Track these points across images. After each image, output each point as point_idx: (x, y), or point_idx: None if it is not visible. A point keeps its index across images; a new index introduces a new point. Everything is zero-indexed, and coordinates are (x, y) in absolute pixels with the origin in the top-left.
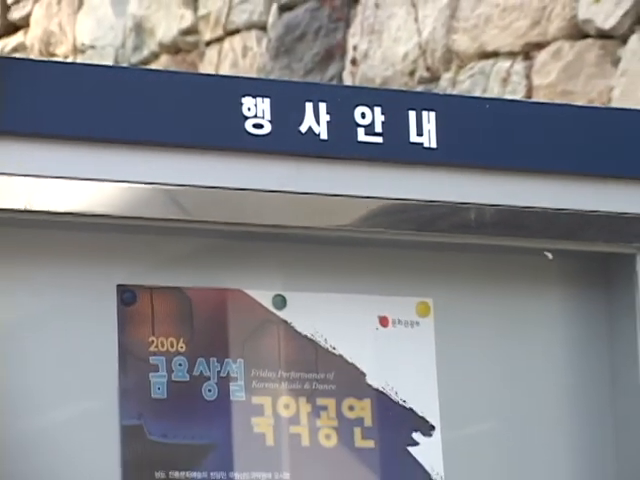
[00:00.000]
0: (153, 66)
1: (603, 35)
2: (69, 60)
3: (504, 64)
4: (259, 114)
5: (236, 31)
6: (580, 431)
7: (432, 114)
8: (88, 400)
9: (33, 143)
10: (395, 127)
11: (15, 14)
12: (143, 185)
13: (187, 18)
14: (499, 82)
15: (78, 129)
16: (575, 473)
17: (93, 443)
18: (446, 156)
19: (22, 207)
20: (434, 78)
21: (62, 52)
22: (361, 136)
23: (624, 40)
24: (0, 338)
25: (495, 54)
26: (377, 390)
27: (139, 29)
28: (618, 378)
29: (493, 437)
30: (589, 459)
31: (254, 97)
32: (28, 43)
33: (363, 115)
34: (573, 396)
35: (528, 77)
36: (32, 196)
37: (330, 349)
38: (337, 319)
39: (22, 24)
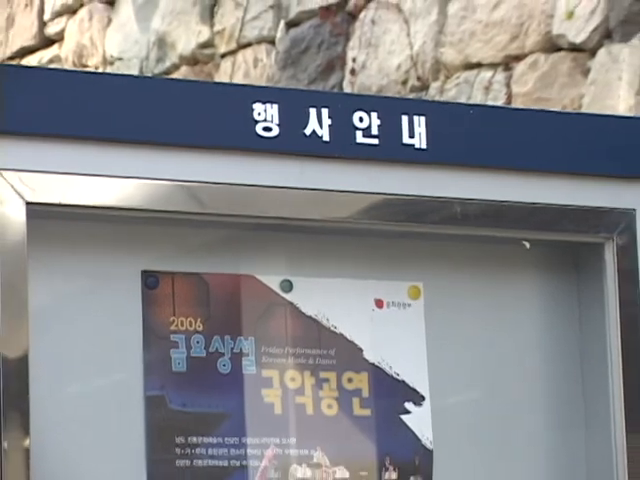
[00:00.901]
0: (174, 76)
1: (575, 48)
2: (99, 71)
3: (486, 74)
4: (268, 118)
5: (248, 45)
6: (552, 403)
7: (422, 119)
8: (116, 373)
9: (68, 145)
10: (389, 130)
11: (51, 29)
12: (164, 182)
13: (204, 33)
14: (482, 90)
15: (107, 132)
16: (548, 437)
17: (120, 412)
18: (435, 156)
19: (57, 201)
20: (424, 87)
21: (93, 63)
22: (359, 138)
23: (593, 53)
24: (39, 318)
25: (478, 65)
26: (373, 364)
27: (161, 43)
28: (586, 355)
29: (476, 406)
30: (561, 428)
31: (264, 103)
32: (62, 55)
33: (361, 119)
34: (546, 371)
35: (508, 86)
36: (66, 192)
37: (331, 328)
38: (338, 301)
39: (57, 38)
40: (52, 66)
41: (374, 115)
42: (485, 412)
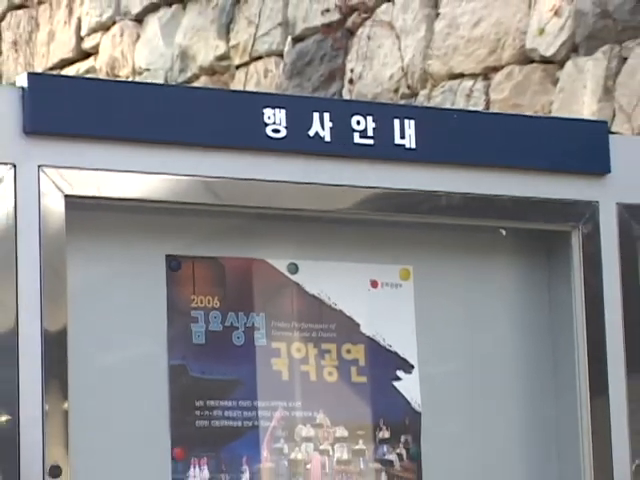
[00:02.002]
0: (194, 85)
1: (545, 61)
2: (129, 80)
3: (468, 83)
4: (277, 122)
5: (259, 58)
6: (525, 371)
7: (412, 122)
8: (143, 345)
9: (101, 145)
10: (383, 132)
11: (87, 44)
12: (186, 177)
13: (221, 47)
14: (464, 97)
15: (136, 134)
16: (522, 401)
17: (147, 379)
18: (423, 155)
19: (92, 194)
20: (413, 94)
21: (124, 74)
22: (356, 139)
23: (561, 65)
24: (76, 296)
25: (461, 75)
26: (369, 337)
27: (184, 56)
28: (556, 328)
29: (459, 373)
30: (533, 393)
31: (273, 108)
32: (97, 67)
33: (358, 122)
34: (520, 343)
35: (486, 93)
36: (100, 186)
37: (332, 305)
38: (338, 282)
39: (92, 52)
40: (88, 76)
41: (370, 119)
42: (466, 379)
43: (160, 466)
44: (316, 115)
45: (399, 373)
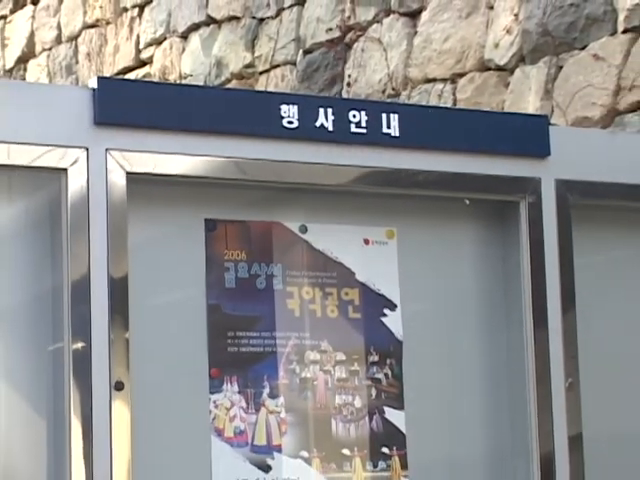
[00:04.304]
0: (227, 87)
1: (499, 68)
2: (177, 82)
3: (439, 86)
4: (290, 115)
5: (277, 66)
6: (483, 312)
7: (396, 115)
8: (187, 289)
9: (156, 133)
10: (373, 123)
11: (144, 55)
12: (221, 158)
13: (248, 58)
14: (436, 97)
15: (183, 124)
16: (481, 337)
17: (190, 315)
18: (405, 141)
19: (149, 171)
20: (397, 94)
21: (172, 78)
22: (353, 129)
23: (512, 72)
24: (135, 251)
25: (434, 80)
26: (362, 283)
27: (219, 64)
28: (508, 276)
29: (432, 312)
30: (490, 330)
31: (287, 105)
32: (152, 73)
33: (354, 116)
34: (479, 289)
35: (454, 94)
36: (155, 165)
37: (334, 258)
38: (338, 240)
39: (148, 61)
40: (144, 80)
41: (363, 113)
42: (438, 316)
43: (200, 382)
44: (321, 110)
45: (386, 311)
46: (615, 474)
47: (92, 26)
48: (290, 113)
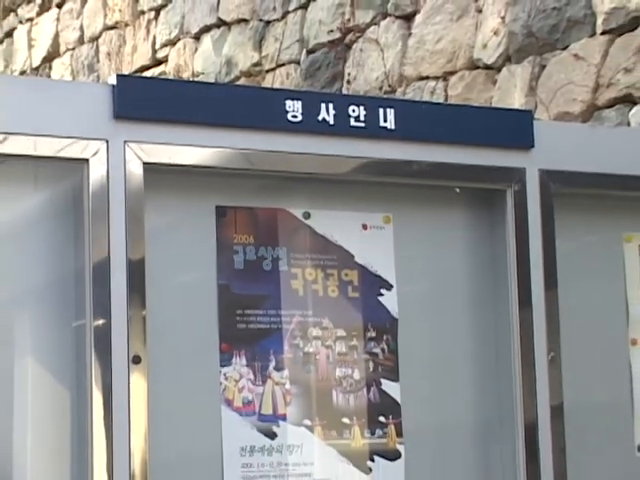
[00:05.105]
0: (236, 84)
1: (487, 67)
2: (190, 80)
3: (432, 83)
4: (295, 110)
5: (282, 65)
6: (472, 290)
7: (392, 110)
8: (199, 270)
9: (170, 126)
10: (371, 117)
11: (159, 54)
12: (230, 149)
13: (255, 57)
14: (429, 94)
15: (195, 118)
16: (470, 312)
17: (202, 294)
18: (401, 134)
19: (164, 162)
20: (393, 91)
21: (186, 76)
22: (352, 122)
23: (499, 70)
24: (151, 235)
25: (427, 77)
26: (361, 265)
27: (229, 63)
28: (495, 259)
29: (425, 291)
30: (480, 305)
31: (292, 100)
32: (167, 71)
33: (354, 110)
34: (469, 271)
35: (445, 91)
36: (170, 155)
37: (334, 242)
38: (338, 225)
39: (163, 60)
40: (160, 77)
41: (362, 108)
42: (431, 296)
43: (211, 356)
44: (323, 105)
45: (382, 291)
46: (591, 440)
47: (112, 28)
48: (294, 108)
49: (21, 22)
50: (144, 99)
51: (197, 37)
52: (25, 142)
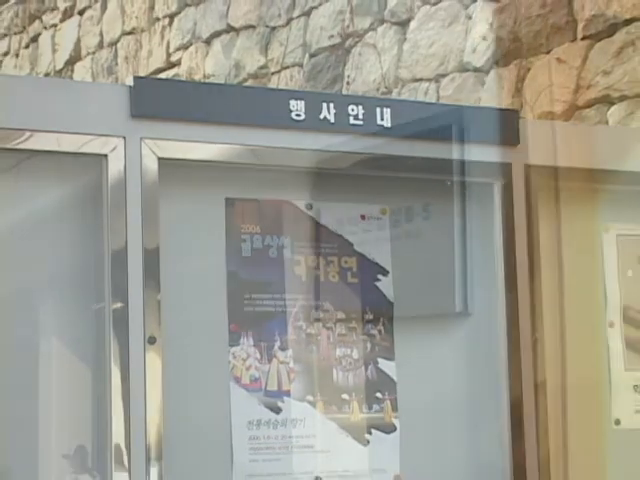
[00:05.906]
0: (244, 85)
1: (477, 70)
2: (201, 81)
3: (425, 85)
4: (298, 109)
5: (287, 67)
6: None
7: (389, 109)
8: (210, 258)
9: (183, 124)
10: (369, 116)
11: (173, 58)
12: (239, 146)
13: (262, 60)
14: (423, 94)
15: (206, 116)
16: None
17: (212, 280)
18: (396, 131)
19: (178, 157)
20: (389, 92)
21: (197, 78)
22: (351, 121)
23: (487, 73)
24: (165, 225)
25: (421, 79)
26: (359, 253)
27: (237, 66)
28: (482, 246)
29: (419, 276)
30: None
31: (295, 100)
32: (180, 73)
33: (353, 110)
34: (460, 255)
35: (438, 92)
36: (183, 151)
37: (335, 231)
38: (339, 215)
39: (177, 63)
40: (174, 79)
41: (360, 107)
42: (424, 280)
43: (221, 336)
44: (324, 105)
45: (379, 276)
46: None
47: (129, 33)
48: (298, 107)
49: (45, 28)
50: (159, 99)
51: (208, 42)
52: (49, 139)
